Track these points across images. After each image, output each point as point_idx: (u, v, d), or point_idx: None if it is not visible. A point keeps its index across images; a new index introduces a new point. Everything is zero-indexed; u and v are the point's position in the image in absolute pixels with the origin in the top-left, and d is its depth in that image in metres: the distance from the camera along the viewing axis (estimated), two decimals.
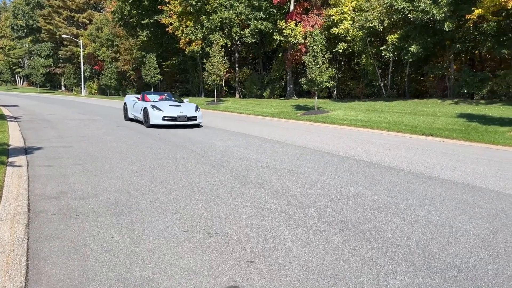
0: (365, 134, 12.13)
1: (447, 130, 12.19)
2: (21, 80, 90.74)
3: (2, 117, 15.52)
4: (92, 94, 59.00)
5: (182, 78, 45.80)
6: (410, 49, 20.01)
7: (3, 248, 3.35)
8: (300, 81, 20.90)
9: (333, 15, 24.40)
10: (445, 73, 21.91)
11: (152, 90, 37.70)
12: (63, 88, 74.49)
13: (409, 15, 19.52)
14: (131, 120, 15.43)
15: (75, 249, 3.36)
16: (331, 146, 9.43)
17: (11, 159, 7.02)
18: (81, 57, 56.41)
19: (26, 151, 8.06)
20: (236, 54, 37.22)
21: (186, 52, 34.90)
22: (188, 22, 33.44)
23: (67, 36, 60.10)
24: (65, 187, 5.32)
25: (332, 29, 24.18)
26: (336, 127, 14.28)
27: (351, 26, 23.59)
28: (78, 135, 10.75)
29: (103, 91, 56.46)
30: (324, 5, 28.05)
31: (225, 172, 6.29)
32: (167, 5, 34.72)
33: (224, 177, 5.99)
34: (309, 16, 26.92)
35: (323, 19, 25.75)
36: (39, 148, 8.45)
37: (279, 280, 2.87)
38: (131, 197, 4.87)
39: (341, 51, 25.11)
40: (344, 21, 24.04)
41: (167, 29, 35.20)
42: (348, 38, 24.39)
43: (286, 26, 26.83)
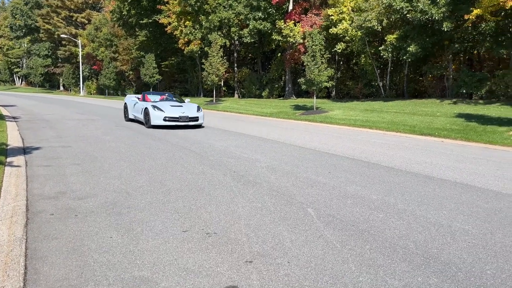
0: (363, 134, 12.14)
1: (446, 130, 12.21)
2: (20, 80, 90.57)
3: (0, 117, 15.48)
4: (91, 94, 58.93)
5: (181, 78, 45.77)
6: (408, 49, 20.03)
7: (2, 248, 3.35)
8: (299, 81, 20.90)
9: (332, 15, 24.41)
10: (443, 73, 21.94)
11: (151, 90, 37.66)
12: (61, 88, 74.38)
13: (408, 15, 19.54)
14: (131, 120, 15.23)
15: (73, 249, 3.36)
16: (330, 146, 9.44)
17: (9, 159, 7.01)
18: (80, 57, 56.32)
19: (24, 151, 8.04)
20: (235, 54, 37.20)
21: (185, 52, 34.86)
22: (187, 22, 33.41)
23: (65, 36, 60.03)
24: (63, 187, 5.31)
25: (331, 29, 24.18)
26: (335, 127, 14.29)
27: (350, 26, 23.61)
28: (77, 135, 10.73)
29: (101, 91, 56.37)
30: (323, 5, 28.07)
31: (224, 172, 6.29)
32: (166, 5, 34.69)
33: (223, 177, 5.99)
34: (308, 16, 26.92)
35: (322, 19, 25.76)
36: (37, 148, 8.44)
37: (277, 280, 2.87)
38: (130, 197, 4.87)
39: (339, 51, 25.12)
40: (343, 21, 24.05)
41: (166, 29, 35.18)
42: (347, 38, 24.41)
43: (285, 26, 26.82)
